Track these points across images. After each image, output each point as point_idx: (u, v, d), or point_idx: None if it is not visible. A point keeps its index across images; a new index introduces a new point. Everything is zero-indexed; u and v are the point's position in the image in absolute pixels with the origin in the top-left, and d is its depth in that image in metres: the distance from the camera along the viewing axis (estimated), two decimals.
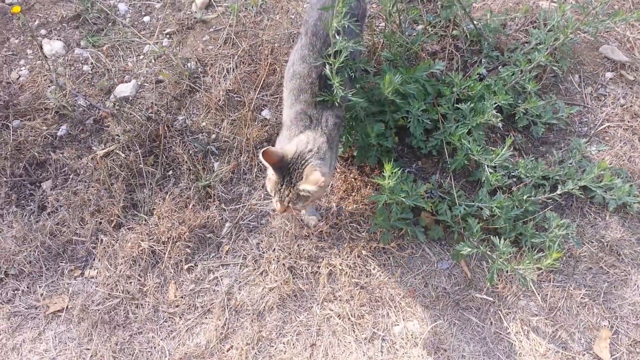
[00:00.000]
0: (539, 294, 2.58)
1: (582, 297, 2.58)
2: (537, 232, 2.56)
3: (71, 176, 2.91)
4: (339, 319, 2.54)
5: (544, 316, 2.54)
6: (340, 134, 2.52)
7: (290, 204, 2.20)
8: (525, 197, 2.60)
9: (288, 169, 2.17)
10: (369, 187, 2.81)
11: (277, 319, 2.55)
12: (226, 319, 2.55)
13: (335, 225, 2.75)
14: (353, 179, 2.84)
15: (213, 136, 3.01)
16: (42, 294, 2.64)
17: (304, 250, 2.69)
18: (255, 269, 2.67)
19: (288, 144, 2.26)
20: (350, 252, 2.69)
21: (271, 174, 2.19)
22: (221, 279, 2.65)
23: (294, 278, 2.63)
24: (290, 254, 2.68)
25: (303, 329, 2.53)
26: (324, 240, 2.72)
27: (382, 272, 2.65)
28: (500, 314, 2.55)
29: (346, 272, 2.63)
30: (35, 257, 2.71)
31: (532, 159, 2.77)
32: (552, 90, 3.09)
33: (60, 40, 3.36)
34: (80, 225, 2.78)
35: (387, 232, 2.64)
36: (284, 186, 2.18)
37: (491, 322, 2.53)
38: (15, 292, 2.65)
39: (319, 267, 2.65)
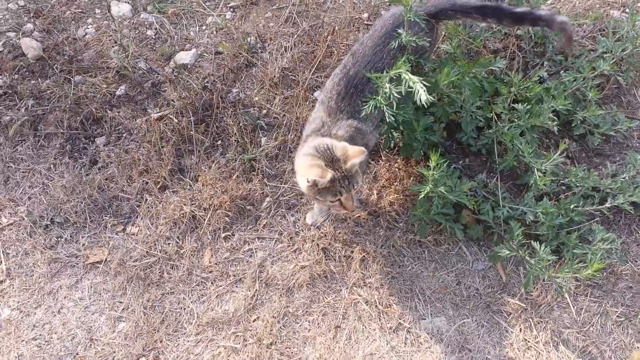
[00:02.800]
0: (573, 307, 2.51)
1: (618, 316, 2.50)
2: (580, 243, 2.48)
3: (124, 135, 3.00)
4: (367, 305, 2.54)
5: (576, 329, 2.48)
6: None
7: (354, 189, 2.20)
8: (572, 206, 2.52)
9: (332, 164, 2.15)
10: (412, 178, 2.79)
11: (305, 297, 2.57)
12: (256, 290, 2.59)
13: (373, 212, 2.75)
14: (397, 169, 2.82)
15: (264, 111, 3.04)
16: (83, 244, 2.74)
17: (339, 233, 2.69)
18: (289, 246, 2.69)
19: (309, 161, 2.18)
20: (385, 241, 2.68)
21: (323, 182, 2.10)
22: (255, 251, 2.69)
23: (326, 259, 2.64)
24: (325, 235, 2.69)
25: (329, 310, 2.55)
26: (361, 226, 2.72)
27: (415, 265, 2.64)
28: (531, 322, 2.49)
29: (379, 260, 2.63)
30: (82, 208, 2.81)
31: (585, 168, 2.68)
32: (614, 102, 2.99)
33: (128, 3, 3.45)
34: (128, 183, 2.86)
35: (426, 224, 2.62)
36: (341, 179, 2.14)
37: (520, 329, 2.48)
38: (59, 239, 2.76)
39: (352, 251, 2.65)
